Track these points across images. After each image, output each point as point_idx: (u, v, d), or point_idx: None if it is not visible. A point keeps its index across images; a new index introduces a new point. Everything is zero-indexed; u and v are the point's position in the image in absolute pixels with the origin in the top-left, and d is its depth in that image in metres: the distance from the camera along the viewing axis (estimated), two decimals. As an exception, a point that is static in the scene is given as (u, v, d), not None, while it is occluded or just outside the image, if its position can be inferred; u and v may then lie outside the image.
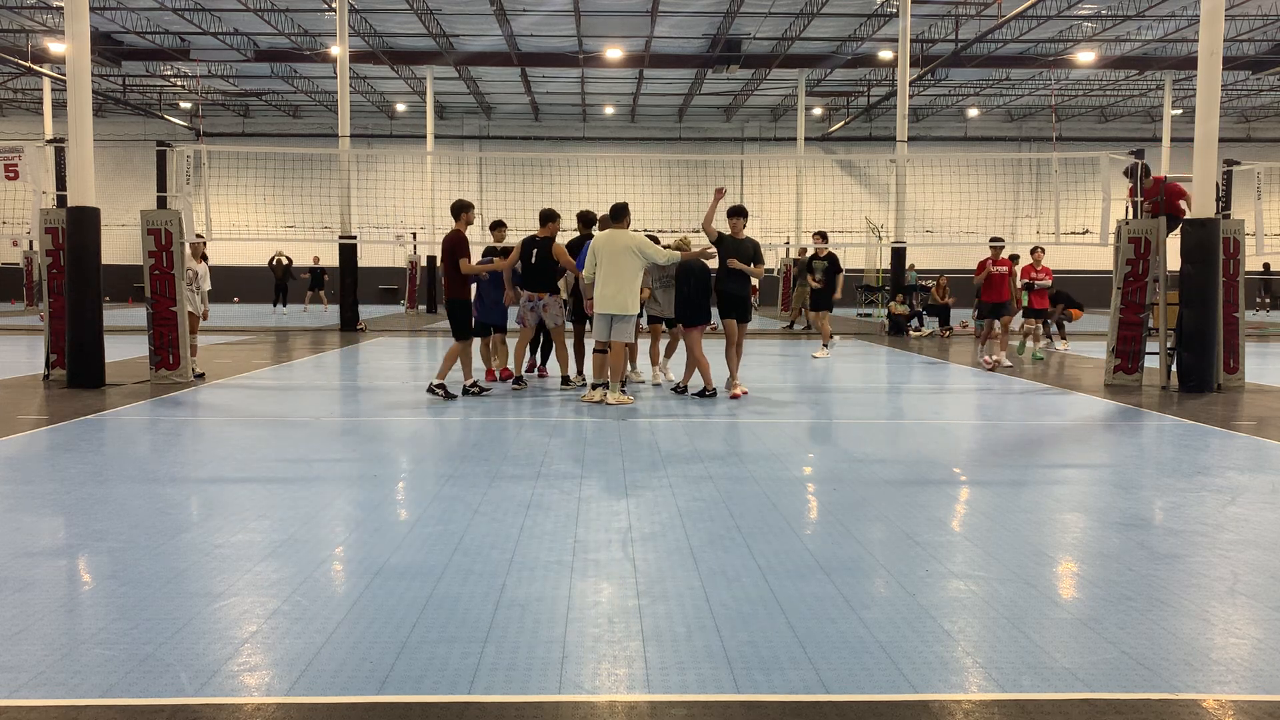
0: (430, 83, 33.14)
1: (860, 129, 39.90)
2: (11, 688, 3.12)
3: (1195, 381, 11.21)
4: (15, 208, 15.85)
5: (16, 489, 5.98)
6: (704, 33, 29.03)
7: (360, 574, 4.32)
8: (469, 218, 10.20)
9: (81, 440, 7.79)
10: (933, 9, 26.34)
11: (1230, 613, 3.91)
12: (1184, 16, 26.49)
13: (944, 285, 22.25)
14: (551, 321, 10.82)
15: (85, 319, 11.01)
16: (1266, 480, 6.48)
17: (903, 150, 24.01)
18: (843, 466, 6.90)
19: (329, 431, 8.35)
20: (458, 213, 10.19)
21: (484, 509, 5.49)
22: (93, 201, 11.22)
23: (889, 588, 4.19)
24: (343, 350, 16.96)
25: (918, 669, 3.31)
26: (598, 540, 4.86)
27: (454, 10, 26.76)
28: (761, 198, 35.86)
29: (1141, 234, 11.82)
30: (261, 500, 5.70)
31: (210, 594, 4.02)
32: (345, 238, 22.46)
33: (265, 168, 35.54)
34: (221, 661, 3.33)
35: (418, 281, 32.68)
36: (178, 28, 28.23)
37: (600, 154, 38.31)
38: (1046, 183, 41.17)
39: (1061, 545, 4.96)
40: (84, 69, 11.18)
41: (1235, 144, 37.80)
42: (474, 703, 3.04)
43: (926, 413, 9.92)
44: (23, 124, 39.24)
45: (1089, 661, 3.38)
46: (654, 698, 3.08)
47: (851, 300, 35.15)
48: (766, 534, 5.00)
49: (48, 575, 4.30)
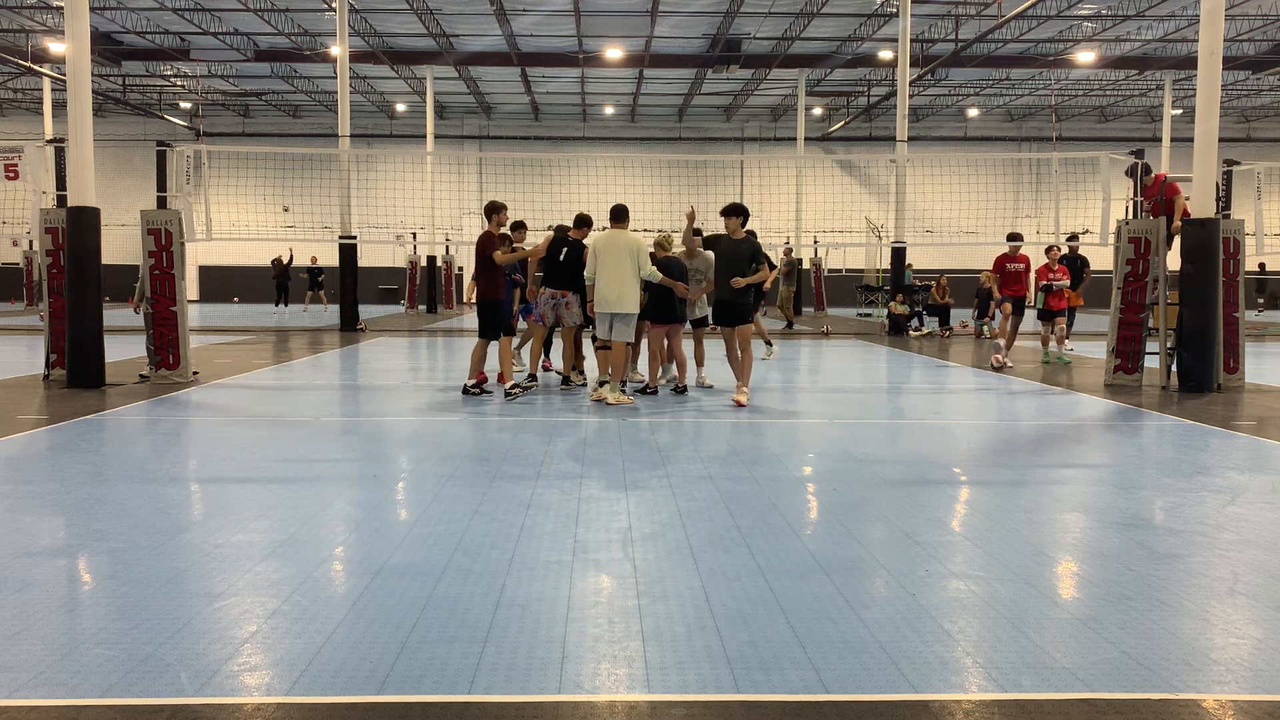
0: (430, 83, 33.14)
1: (860, 129, 39.89)
2: (11, 688, 3.12)
3: (1195, 381, 11.21)
4: (15, 208, 15.85)
5: (16, 489, 5.98)
6: (704, 33, 29.03)
7: (360, 574, 4.32)
8: (501, 219, 10.20)
9: (81, 440, 7.79)
10: (933, 9, 26.34)
11: (1230, 613, 3.91)
12: (1184, 16, 26.49)
13: (944, 285, 22.25)
14: (571, 321, 10.76)
15: (85, 319, 11.00)
16: (1266, 480, 6.48)
17: (903, 150, 24.01)
18: (843, 466, 6.89)
19: (329, 431, 8.35)
20: (490, 214, 10.21)
21: (484, 509, 5.49)
22: (93, 201, 11.22)
23: (889, 588, 4.19)
24: (342, 350, 16.96)
25: (918, 669, 3.31)
26: (598, 540, 4.86)
27: (454, 10, 26.76)
28: (761, 198, 35.86)
29: (1141, 234, 11.81)
30: (261, 500, 5.70)
31: (210, 594, 4.02)
32: (345, 238, 22.46)
33: (265, 168, 35.55)
34: (221, 661, 3.33)
35: (418, 281, 32.68)
36: (178, 28, 28.23)
37: (600, 154, 38.32)
38: (1046, 183, 41.18)
39: (1061, 545, 4.96)
40: (84, 69, 11.18)
41: (1235, 144, 37.81)
42: (474, 703, 3.04)
43: (926, 413, 9.92)
44: (23, 124, 39.25)
45: (1089, 661, 3.38)
46: (654, 698, 3.08)
47: (851, 300, 35.17)
48: (766, 534, 5.00)
49: (48, 575, 4.30)
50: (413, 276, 32.23)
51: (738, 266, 9.82)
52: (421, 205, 34.92)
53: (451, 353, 17.02)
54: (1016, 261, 15.38)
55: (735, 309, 9.88)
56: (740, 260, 9.83)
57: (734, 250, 9.91)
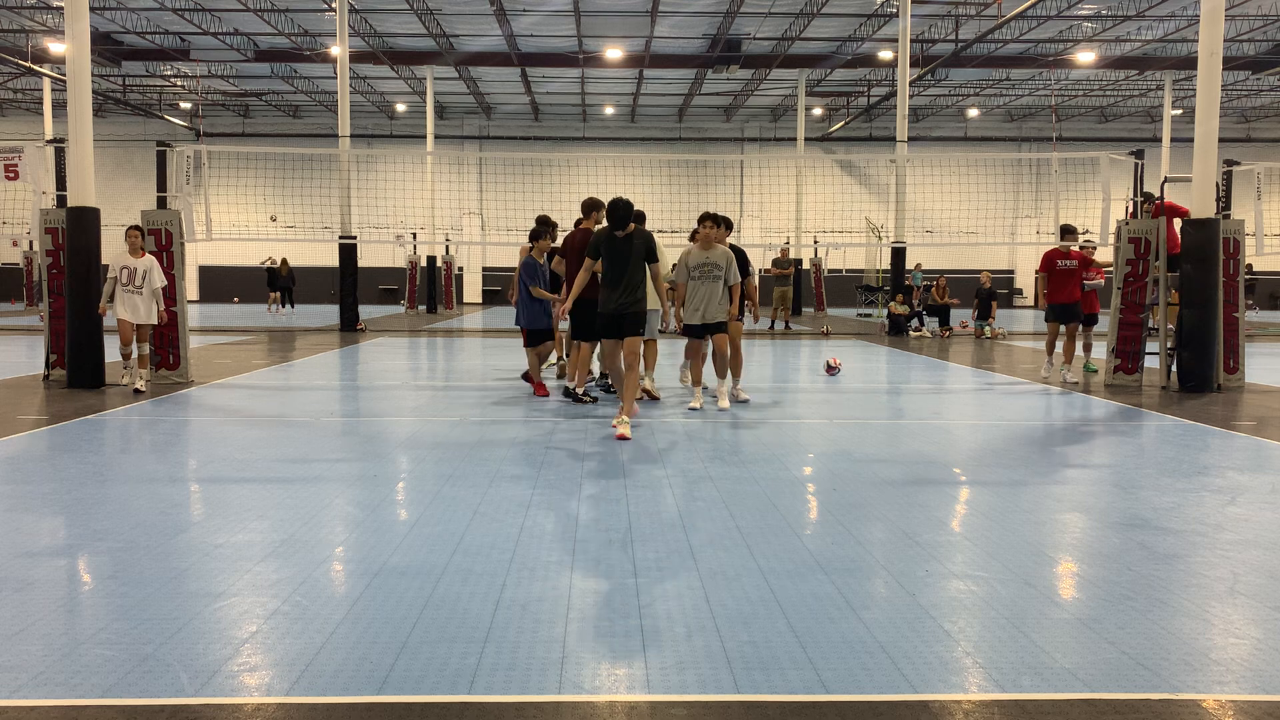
0: (430, 83, 33.14)
1: (860, 129, 39.90)
2: (11, 688, 3.12)
3: (1195, 381, 11.21)
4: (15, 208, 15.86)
5: (16, 489, 5.97)
6: (704, 33, 29.03)
7: (360, 574, 4.32)
8: (597, 218, 9.78)
9: (81, 440, 7.79)
10: (933, 9, 26.34)
11: (1230, 613, 3.91)
12: (1184, 16, 26.49)
13: (944, 285, 22.26)
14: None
15: (85, 319, 11.00)
16: (1266, 480, 6.48)
17: (903, 150, 24.01)
18: (843, 466, 6.89)
19: (329, 431, 8.35)
20: (589, 211, 9.94)
21: (484, 509, 5.49)
22: (93, 201, 11.22)
23: (889, 588, 4.19)
24: (342, 350, 16.96)
25: (918, 669, 3.31)
26: (598, 540, 4.86)
27: (454, 10, 26.76)
28: (761, 198, 35.88)
29: (1141, 234, 11.82)
30: (261, 500, 5.70)
31: (210, 594, 4.02)
32: (345, 238, 22.46)
33: (265, 168, 35.54)
34: (221, 661, 3.33)
35: (418, 282, 32.70)
36: (178, 28, 28.23)
37: (600, 154, 38.33)
38: (1046, 183, 41.18)
39: (1061, 545, 4.96)
40: (84, 69, 11.18)
41: (1235, 144, 37.81)
42: (474, 703, 3.04)
43: (926, 413, 9.92)
44: (23, 124, 39.25)
45: (1089, 661, 3.38)
46: (654, 698, 3.08)
47: (851, 301, 35.17)
48: (766, 534, 5.00)
49: (48, 575, 4.30)
50: (412, 277, 32.25)
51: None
52: (421, 205, 34.92)
53: (451, 353, 17.03)
54: (1070, 258, 12.38)
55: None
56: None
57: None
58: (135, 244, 10.71)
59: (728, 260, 9.48)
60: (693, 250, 9.62)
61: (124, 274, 10.62)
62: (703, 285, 9.47)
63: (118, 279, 10.61)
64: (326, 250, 30.30)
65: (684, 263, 9.61)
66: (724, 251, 9.51)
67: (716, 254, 9.49)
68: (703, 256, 9.50)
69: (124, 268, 10.62)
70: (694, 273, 9.51)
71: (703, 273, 9.47)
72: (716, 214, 9.72)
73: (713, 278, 9.47)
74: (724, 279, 9.48)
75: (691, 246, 9.76)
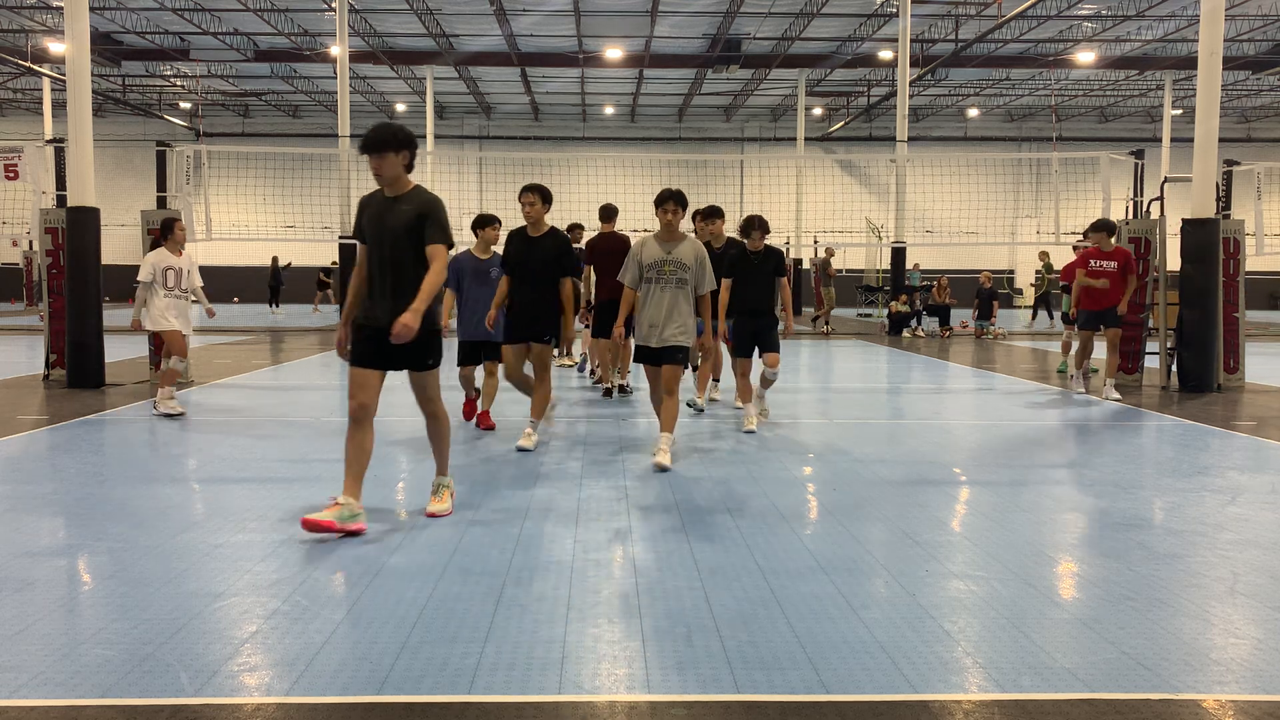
0: (430, 83, 33.13)
1: (860, 129, 39.88)
2: (11, 688, 3.12)
3: (1195, 381, 11.21)
4: (15, 208, 15.86)
5: (16, 489, 5.97)
6: (704, 33, 29.03)
7: (360, 574, 4.32)
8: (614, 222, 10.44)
9: (81, 440, 7.79)
10: (933, 9, 26.33)
11: (1230, 613, 3.91)
12: (1184, 16, 26.47)
13: (944, 285, 22.25)
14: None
15: (85, 319, 11.01)
16: (1266, 480, 6.48)
17: (903, 150, 24.00)
18: (843, 466, 6.89)
19: (329, 431, 8.34)
20: (610, 215, 10.48)
21: (484, 509, 5.49)
22: (93, 201, 11.22)
23: (889, 588, 4.18)
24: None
25: (918, 669, 3.31)
26: (598, 540, 4.86)
27: (454, 10, 26.75)
28: (761, 198, 35.81)
29: (1141, 234, 11.81)
30: (261, 500, 5.70)
31: (210, 594, 4.02)
32: (345, 238, 22.45)
33: (265, 168, 35.53)
34: (221, 661, 3.33)
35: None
36: (177, 28, 28.22)
37: (600, 154, 38.26)
38: (1046, 183, 41.14)
39: (1061, 545, 4.96)
40: (84, 69, 11.18)
41: (1235, 144, 37.79)
42: (474, 703, 3.04)
43: (926, 413, 9.92)
44: (23, 124, 39.21)
45: (1089, 661, 3.38)
46: (654, 698, 3.08)
47: (851, 300, 35.16)
48: (766, 534, 5.00)
49: (48, 575, 4.30)
50: (412, 277, 32.17)
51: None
52: (421, 205, 34.83)
53: (450, 354, 17.00)
54: (1109, 258, 10.66)
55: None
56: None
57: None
58: (182, 239, 9.15)
59: (698, 259, 6.83)
60: (648, 242, 6.92)
61: (169, 276, 9.01)
62: (658, 291, 6.82)
63: (154, 283, 8.98)
64: (326, 250, 30.21)
65: (634, 259, 6.92)
66: (693, 246, 6.85)
67: (683, 249, 6.82)
68: (661, 252, 6.83)
69: (168, 269, 9.01)
70: (647, 273, 6.85)
71: (659, 274, 6.81)
72: (679, 192, 6.87)
73: (674, 282, 6.80)
74: (690, 284, 6.85)
75: (647, 237, 7.00)
